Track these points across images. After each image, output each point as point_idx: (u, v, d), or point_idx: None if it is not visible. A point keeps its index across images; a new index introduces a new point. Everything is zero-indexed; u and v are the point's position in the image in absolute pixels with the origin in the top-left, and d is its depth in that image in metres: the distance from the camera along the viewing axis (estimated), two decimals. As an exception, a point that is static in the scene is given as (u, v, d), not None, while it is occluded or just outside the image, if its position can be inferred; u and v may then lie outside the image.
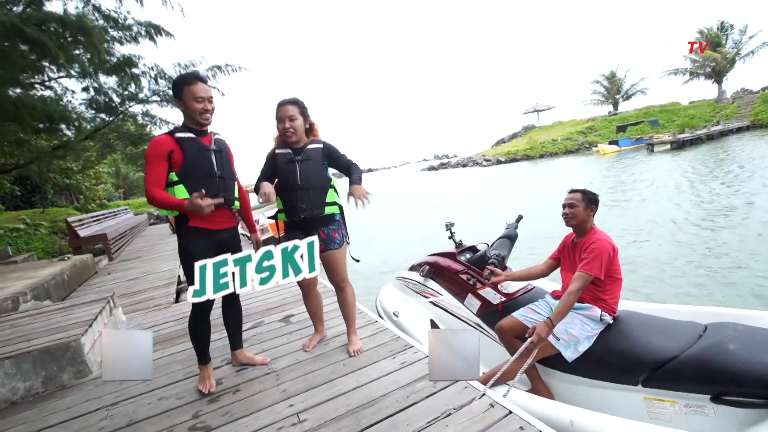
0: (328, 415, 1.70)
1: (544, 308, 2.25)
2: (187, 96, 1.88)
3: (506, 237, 2.79)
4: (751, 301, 3.87)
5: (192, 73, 1.98)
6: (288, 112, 2.07)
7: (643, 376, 1.84)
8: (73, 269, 5.06)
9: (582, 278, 1.97)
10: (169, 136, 1.90)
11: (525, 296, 2.55)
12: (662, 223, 7.17)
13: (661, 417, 1.79)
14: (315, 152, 2.16)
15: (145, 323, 3.30)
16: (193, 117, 1.91)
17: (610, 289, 2.06)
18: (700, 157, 16.61)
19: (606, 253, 2.00)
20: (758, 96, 30.41)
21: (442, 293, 2.96)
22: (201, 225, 1.93)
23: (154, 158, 1.84)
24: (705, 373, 1.65)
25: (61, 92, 9.03)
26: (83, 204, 17.51)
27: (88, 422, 1.90)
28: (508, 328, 2.22)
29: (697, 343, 1.79)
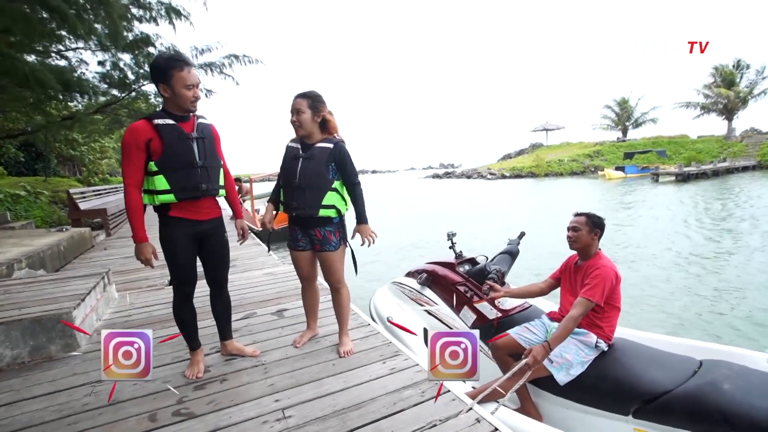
0: (314, 414, 1.69)
1: (540, 329, 2.24)
2: (177, 82, 1.76)
3: (507, 253, 2.79)
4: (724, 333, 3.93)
5: (176, 55, 1.83)
6: (296, 105, 2.05)
7: (635, 407, 1.82)
8: (70, 241, 5.05)
9: (583, 304, 1.96)
10: (147, 122, 1.79)
11: (521, 314, 2.54)
12: (658, 250, 7.23)
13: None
14: (321, 152, 2.08)
15: (137, 303, 3.29)
16: (183, 105, 1.82)
17: (608, 317, 2.05)
18: (702, 191, 16.65)
19: (609, 280, 1.99)
20: (767, 137, 30.53)
21: (438, 303, 2.96)
22: (183, 215, 1.90)
23: (132, 150, 1.75)
24: (698, 410, 1.64)
25: (76, 63, 9.06)
26: (86, 176, 17.50)
27: (72, 396, 1.89)
28: (502, 346, 2.22)
29: (692, 379, 1.78)
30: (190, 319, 2.09)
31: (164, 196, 1.83)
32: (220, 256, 2.10)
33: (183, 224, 1.91)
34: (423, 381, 1.93)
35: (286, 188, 2.14)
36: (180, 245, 1.92)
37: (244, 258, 4.74)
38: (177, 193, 1.84)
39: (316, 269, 2.33)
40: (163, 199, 1.83)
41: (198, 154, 1.88)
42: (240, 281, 3.75)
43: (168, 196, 1.83)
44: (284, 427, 1.61)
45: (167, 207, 1.88)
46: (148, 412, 1.74)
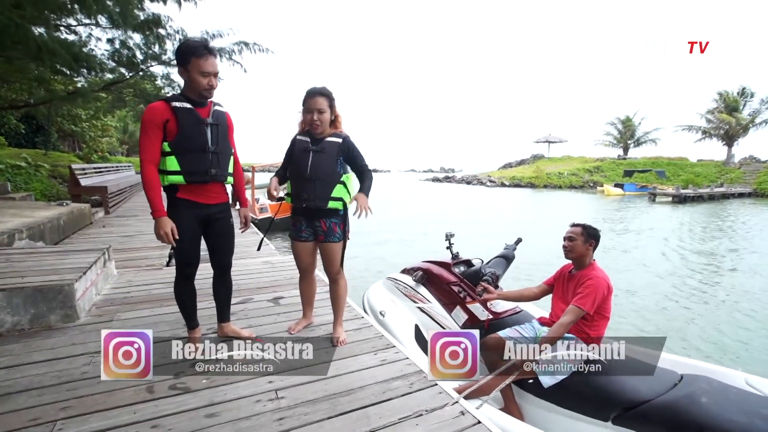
0: (306, 396, 1.76)
1: (530, 332, 2.32)
2: (193, 68, 1.81)
3: (503, 257, 2.86)
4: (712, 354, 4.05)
5: (201, 42, 1.86)
6: (318, 105, 2.09)
7: (615, 414, 1.88)
8: (69, 216, 5.08)
9: (574, 312, 2.04)
10: (165, 103, 1.84)
11: (512, 317, 2.61)
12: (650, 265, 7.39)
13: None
14: (331, 146, 2.16)
15: (135, 281, 3.34)
16: (196, 90, 1.87)
17: (596, 326, 2.12)
18: (698, 214, 16.87)
19: (601, 291, 2.06)
20: (765, 166, 30.93)
21: (431, 301, 3.01)
22: (190, 198, 1.95)
23: (150, 127, 1.80)
24: (675, 421, 1.70)
25: (86, 39, 9.06)
26: (86, 153, 17.43)
27: (72, 364, 1.95)
28: (492, 346, 2.25)
29: (672, 390, 1.84)
30: (190, 300, 2.15)
31: (174, 177, 1.88)
32: (225, 240, 2.15)
33: (190, 206, 1.96)
34: (412, 374, 2.00)
35: (296, 180, 2.19)
36: (185, 226, 1.96)
37: (242, 245, 4.78)
38: (186, 175, 1.90)
39: (316, 260, 2.40)
40: (172, 180, 1.88)
41: (210, 140, 1.93)
42: (238, 267, 3.77)
43: (177, 177, 1.89)
44: (276, 407, 1.67)
45: (175, 188, 1.93)
46: (146, 384, 1.79)
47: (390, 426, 1.59)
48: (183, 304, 2.14)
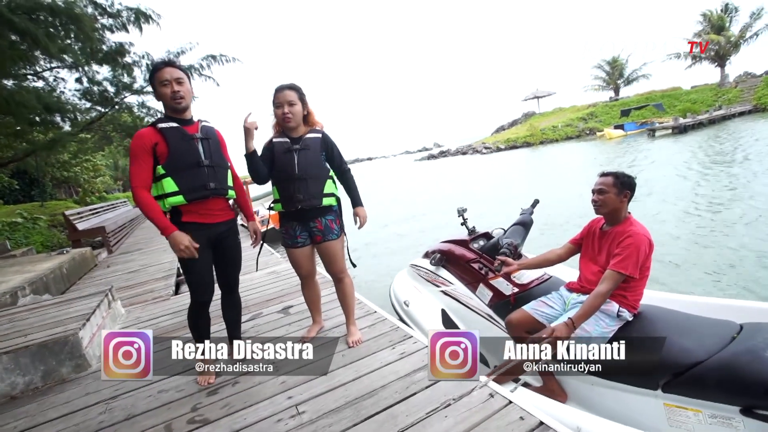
0: (327, 406, 1.69)
1: (557, 302, 2.12)
2: (156, 83, 1.81)
3: (520, 224, 2.66)
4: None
5: (160, 59, 1.92)
6: (287, 97, 2.01)
7: (664, 381, 1.67)
8: (72, 263, 5.04)
9: (614, 278, 1.82)
10: (151, 127, 1.81)
11: (540, 287, 2.43)
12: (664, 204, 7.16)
13: (682, 426, 1.65)
14: (313, 142, 2.10)
15: (143, 316, 3.30)
16: (166, 103, 1.83)
17: (633, 286, 1.90)
18: (700, 141, 16.51)
19: (643, 249, 1.83)
20: (761, 80, 30.09)
21: (453, 282, 2.86)
22: (196, 219, 1.88)
23: (139, 153, 1.76)
24: (735, 381, 1.49)
25: (54, 83, 8.93)
26: (82, 197, 17.47)
27: (87, 416, 1.90)
28: (517, 322, 2.11)
29: (729, 346, 1.61)
30: (206, 328, 2.07)
31: (173, 198, 1.81)
32: (233, 258, 2.09)
33: (197, 228, 1.88)
34: (433, 362, 1.93)
35: (286, 183, 2.08)
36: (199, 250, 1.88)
37: (244, 260, 4.72)
38: (186, 193, 1.82)
39: (315, 264, 2.31)
40: (173, 201, 1.81)
41: (203, 154, 1.88)
42: (243, 283, 3.73)
43: (177, 198, 1.81)
44: (298, 424, 1.61)
45: (179, 212, 1.86)
46: (164, 423, 1.74)
47: (419, 422, 1.52)
48: (199, 333, 2.04)
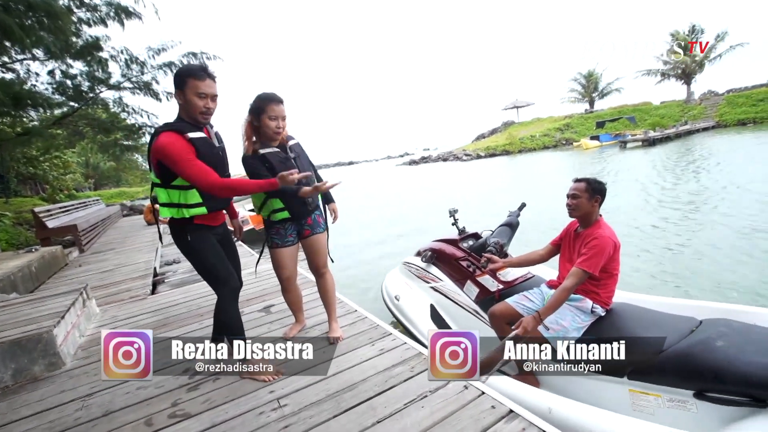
0: (308, 399, 1.75)
1: (538, 297, 2.26)
2: (190, 89, 1.74)
3: (507, 225, 2.83)
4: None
5: (200, 65, 1.81)
6: (283, 112, 2.05)
7: (629, 369, 1.83)
8: (41, 261, 4.87)
9: (578, 275, 1.96)
10: (179, 135, 1.72)
11: (524, 284, 2.57)
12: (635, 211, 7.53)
13: (644, 410, 1.80)
14: (299, 147, 2.21)
15: (120, 315, 3.24)
16: (192, 114, 1.78)
17: (604, 284, 2.06)
18: (668, 153, 17.40)
19: (606, 250, 1.98)
20: (723, 98, 31.98)
21: (442, 279, 3.00)
22: (205, 222, 1.89)
23: (188, 154, 1.70)
24: (690, 368, 1.65)
25: (25, 75, 8.61)
26: (50, 194, 16.74)
27: (63, 413, 1.88)
28: (499, 314, 2.23)
29: (687, 338, 1.78)
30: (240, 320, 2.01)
31: (196, 209, 1.82)
32: (235, 256, 2.12)
33: (208, 229, 1.92)
34: (412, 357, 2.01)
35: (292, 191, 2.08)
36: (214, 246, 1.92)
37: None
38: (208, 205, 1.84)
39: (297, 265, 2.36)
40: (195, 212, 1.82)
41: (226, 164, 1.92)
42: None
43: (200, 210, 1.83)
44: (280, 416, 1.65)
45: (191, 217, 1.84)
46: (144, 418, 1.75)
47: (397, 413, 1.59)
48: (239, 327, 1.97)
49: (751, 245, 5.05)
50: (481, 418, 1.51)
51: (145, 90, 9.52)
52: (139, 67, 9.23)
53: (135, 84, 9.45)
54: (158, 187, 1.80)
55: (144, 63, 9.23)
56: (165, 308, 3.28)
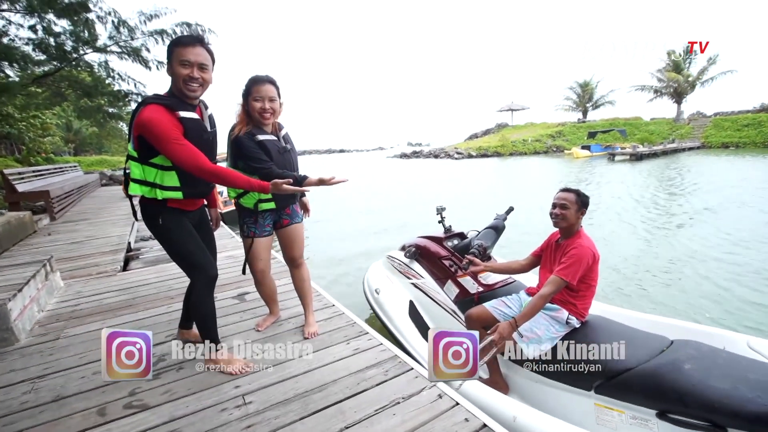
0: (275, 398, 1.66)
1: (515, 303, 2.24)
2: (175, 58, 1.60)
3: (493, 228, 2.78)
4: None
5: (191, 34, 1.66)
6: (269, 93, 1.93)
7: (597, 383, 1.83)
8: (6, 226, 4.61)
9: (555, 283, 1.95)
10: (167, 111, 1.59)
11: (503, 289, 2.54)
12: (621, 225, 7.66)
13: (607, 424, 1.81)
14: (289, 138, 2.13)
15: (85, 291, 3.08)
16: (177, 85, 1.63)
17: (582, 295, 2.05)
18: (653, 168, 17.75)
19: (585, 260, 1.97)
20: (710, 121, 32.84)
21: (423, 276, 2.97)
22: (179, 206, 1.76)
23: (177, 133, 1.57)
24: (656, 388, 1.66)
25: (3, 27, 8.10)
26: (25, 155, 16.02)
27: (9, 395, 1.75)
28: (476, 318, 2.21)
29: (657, 357, 1.78)
30: (215, 312, 1.89)
31: (170, 193, 1.68)
32: (210, 242, 1.99)
33: (182, 213, 1.78)
34: (387, 360, 1.95)
35: None
36: (189, 231, 1.79)
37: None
38: (185, 191, 1.71)
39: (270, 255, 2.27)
40: (169, 195, 1.68)
41: (215, 150, 1.81)
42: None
43: (175, 193, 1.69)
44: (244, 414, 1.57)
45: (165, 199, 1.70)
46: (97, 407, 1.64)
47: (366, 419, 1.53)
48: (213, 318, 1.86)
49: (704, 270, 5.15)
50: (453, 431, 1.46)
51: (134, 56, 9.10)
52: (128, 31, 8.81)
53: (123, 48, 9.03)
54: (134, 161, 1.66)
55: (134, 28, 8.81)
56: (134, 287, 3.14)
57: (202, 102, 1.76)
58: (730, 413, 1.46)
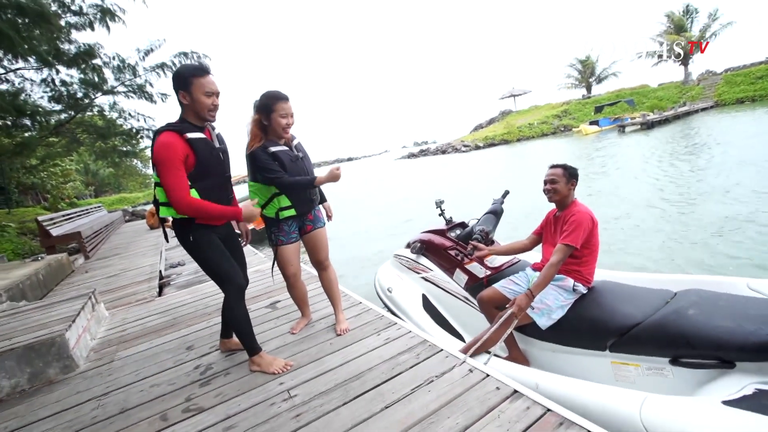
0: (318, 389, 1.79)
1: (523, 280, 2.34)
2: (197, 89, 1.76)
3: (492, 213, 2.87)
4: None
5: (199, 65, 1.83)
6: (291, 109, 2.09)
7: (611, 342, 1.91)
8: (48, 269, 4.93)
9: (562, 250, 2.03)
10: (176, 135, 1.75)
11: (510, 269, 2.63)
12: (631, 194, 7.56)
13: (626, 379, 1.88)
14: (301, 147, 2.27)
15: (129, 317, 3.29)
16: (200, 113, 1.81)
17: (585, 261, 2.14)
18: (668, 135, 17.31)
19: (586, 224, 2.06)
20: (721, 77, 31.69)
21: (432, 269, 3.06)
22: (206, 223, 1.91)
23: (176, 163, 1.71)
24: (664, 337, 1.73)
25: (20, 85, 8.61)
26: (52, 203, 16.81)
27: (79, 413, 1.93)
28: (488, 299, 2.31)
29: (662, 309, 1.86)
30: (249, 317, 2.03)
31: None
32: (240, 256, 2.15)
33: (211, 229, 1.94)
34: (417, 345, 2.05)
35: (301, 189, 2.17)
36: (218, 245, 1.93)
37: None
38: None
39: (300, 261, 2.41)
40: None
41: (226, 166, 1.97)
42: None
43: None
44: (291, 405, 1.70)
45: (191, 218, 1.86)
46: (159, 413, 1.80)
47: (404, 398, 1.64)
48: (247, 323, 2.01)
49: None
50: (486, 399, 1.55)
51: (139, 93, 9.54)
52: (131, 70, 9.25)
53: (128, 87, 9.47)
54: (159, 186, 1.82)
55: (135, 66, 9.25)
56: (173, 309, 3.33)
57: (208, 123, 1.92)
58: (736, 348, 1.54)
